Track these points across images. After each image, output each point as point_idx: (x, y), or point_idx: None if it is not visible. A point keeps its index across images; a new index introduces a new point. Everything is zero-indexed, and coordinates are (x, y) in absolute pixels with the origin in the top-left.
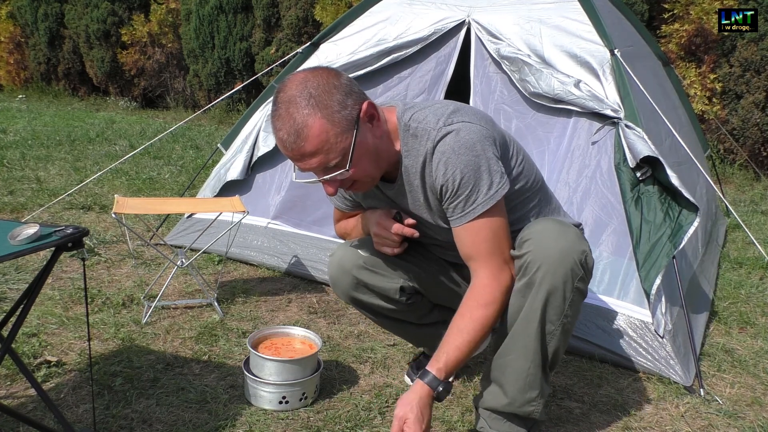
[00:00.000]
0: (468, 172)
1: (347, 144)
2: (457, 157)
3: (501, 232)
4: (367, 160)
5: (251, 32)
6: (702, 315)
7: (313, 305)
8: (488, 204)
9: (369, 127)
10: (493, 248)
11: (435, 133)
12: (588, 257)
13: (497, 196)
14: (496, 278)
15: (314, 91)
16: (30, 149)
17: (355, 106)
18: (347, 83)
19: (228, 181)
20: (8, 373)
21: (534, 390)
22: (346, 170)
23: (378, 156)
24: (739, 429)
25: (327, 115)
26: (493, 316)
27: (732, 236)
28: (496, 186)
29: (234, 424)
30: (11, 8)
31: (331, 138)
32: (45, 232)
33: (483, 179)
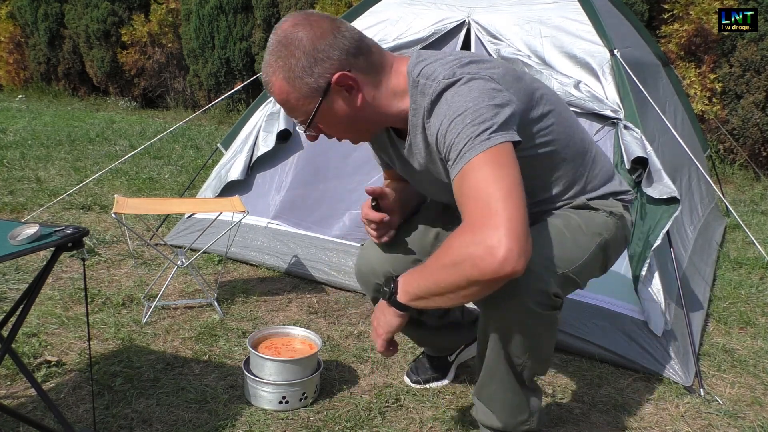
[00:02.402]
0: (458, 119)
1: (309, 109)
2: (449, 106)
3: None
4: (337, 125)
5: (251, 32)
6: (701, 315)
7: (313, 305)
8: (477, 150)
9: (345, 96)
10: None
11: (434, 87)
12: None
13: (490, 143)
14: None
15: (285, 49)
16: (30, 149)
17: (325, 74)
18: (325, 48)
19: (228, 181)
20: (8, 373)
21: (523, 413)
22: (308, 132)
23: (355, 122)
24: (739, 429)
25: (288, 78)
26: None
27: (732, 236)
28: (489, 134)
29: (234, 424)
30: (11, 8)
31: (291, 100)
32: (45, 232)
33: (470, 125)
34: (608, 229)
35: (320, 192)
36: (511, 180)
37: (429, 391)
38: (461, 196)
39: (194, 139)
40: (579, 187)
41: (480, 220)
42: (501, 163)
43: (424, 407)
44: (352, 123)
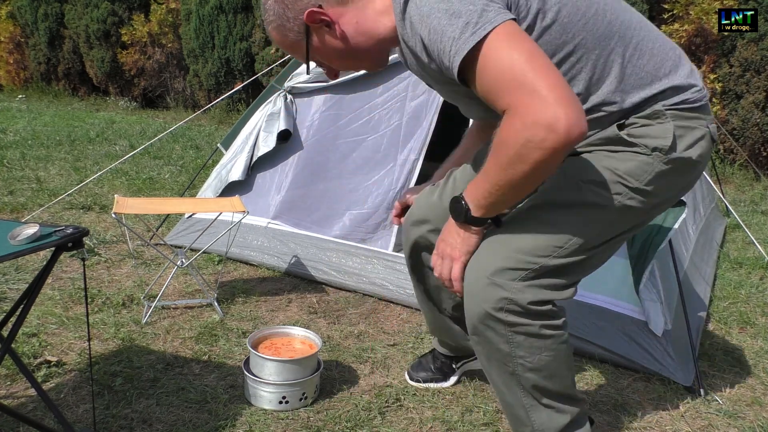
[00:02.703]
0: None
1: (302, 49)
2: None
3: (513, 64)
4: (333, 58)
5: (251, 32)
6: (701, 315)
7: (313, 305)
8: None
9: (327, 30)
10: (503, 82)
11: (398, 5)
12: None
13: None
14: (512, 120)
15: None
16: (30, 149)
17: (298, 16)
18: None
19: (230, 182)
20: (8, 373)
21: (524, 426)
22: (307, 71)
23: (351, 52)
24: (739, 429)
25: (277, 27)
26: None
27: (732, 236)
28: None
29: (234, 424)
30: (11, 8)
31: (286, 44)
32: (45, 232)
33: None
34: (642, 172)
35: (320, 192)
36: (527, 45)
37: (429, 391)
38: (488, 90)
39: (194, 139)
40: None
41: (521, 102)
42: (504, 39)
43: (424, 407)
44: (348, 53)
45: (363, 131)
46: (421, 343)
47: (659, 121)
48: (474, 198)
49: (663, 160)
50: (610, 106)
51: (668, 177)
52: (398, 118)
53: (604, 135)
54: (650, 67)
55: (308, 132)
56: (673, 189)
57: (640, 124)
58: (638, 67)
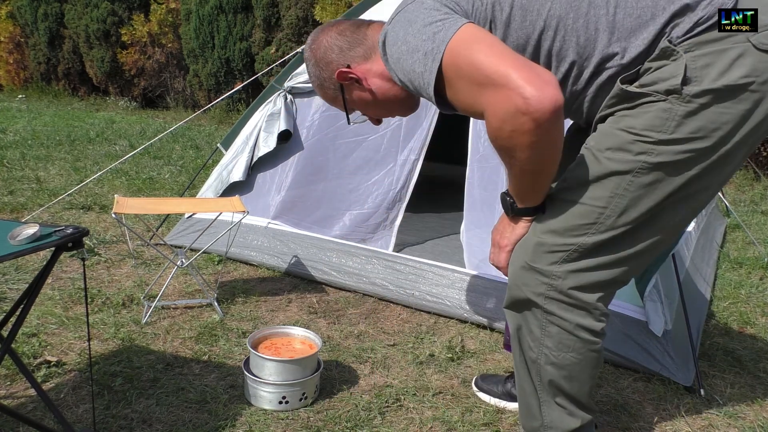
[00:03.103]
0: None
1: (341, 102)
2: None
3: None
4: (372, 109)
5: (251, 32)
6: (701, 315)
7: (313, 305)
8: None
9: (358, 86)
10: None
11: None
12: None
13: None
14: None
15: (308, 65)
16: (30, 149)
17: (332, 77)
18: (323, 54)
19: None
20: (8, 373)
21: (535, 420)
22: (348, 121)
23: (385, 103)
24: (739, 429)
25: (318, 86)
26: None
27: (732, 236)
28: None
29: (234, 424)
30: (11, 8)
31: (329, 99)
32: (45, 232)
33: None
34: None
35: (320, 192)
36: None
37: (429, 391)
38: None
39: (194, 139)
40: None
41: (488, 101)
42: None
43: (424, 407)
44: (380, 103)
45: (363, 131)
46: (421, 343)
47: (673, 58)
48: (513, 192)
49: (684, 99)
50: (613, 60)
51: (708, 114)
52: (398, 118)
53: (614, 93)
54: (645, 2)
55: (308, 132)
56: (731, 123)
57: (653, 69)
58: (629, 7)
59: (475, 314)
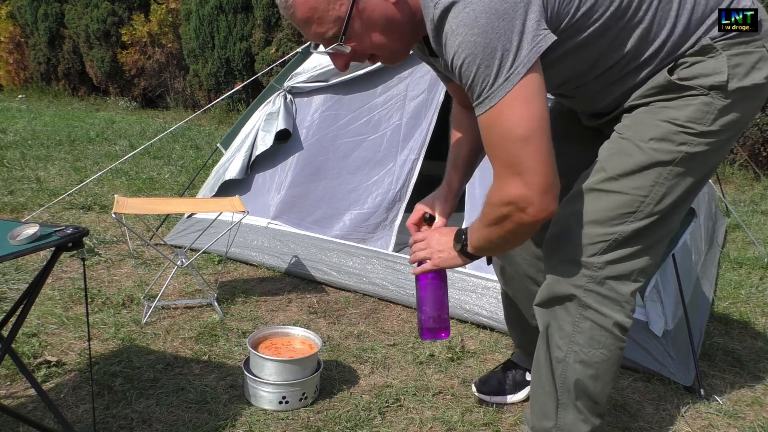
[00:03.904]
0: (466, 57)
1: (342, 11)
2: (455, 39)
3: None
4: (373, 30)
5: (251, 32)
6: (702, 315)
7: (313, 305)
8: (494, 99)
9: None
10: (504, 149)
11: (432, 11)
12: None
13: (508, 85)
14: (498, 187)
15: None
16: (30, 149)
17: None
18: None
19: (227, 180)
20: (8, 373)
21: (548, 420)
22: (339, 44)
23: (392, 25)
24: (739, 429)
25: None
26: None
27: (732, 236)
28: (506, 74)
29: (234, 424)
30: (11, 8)
31: (320, 7)
32: (45, 232)
33: (483, 66)
34: (704, 115)
35: (320, 192)
36: (533, 122)
37: (429, 391)
38: (486, 144)
39: (194, 139)
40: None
41: (507, 179)
42: (525, 103)
43: (424, 407)
44: (389, 26)
45: (363, 131)
46: (420, 343)
47: (711, 56)
48: (471, 237)
49: (723, 95)
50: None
51: (734, 110)
52: (398, 118)
53: (656, 83)
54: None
55: (308, 132)
56: (743, 119)
57: (689, 63)
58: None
59: (475, 314)
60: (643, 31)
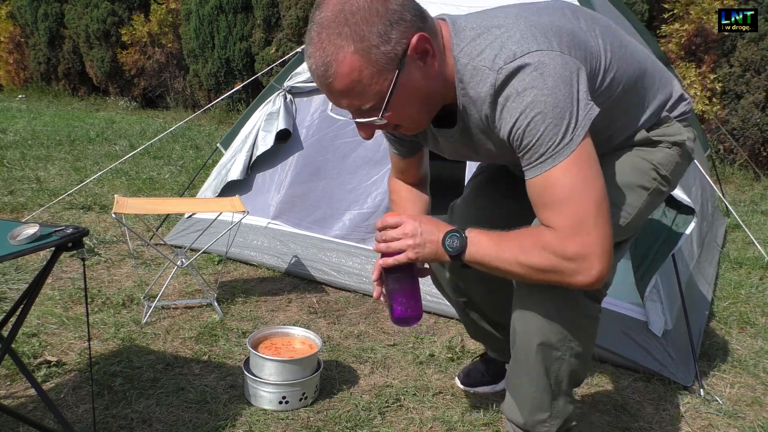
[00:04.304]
0: (535, 116)
1: (385, 86)
2: (522, 100)
3: (582, 199)
4: (411, 104)
5: (251, 32)
6: (701, 315)
7: (313, 305)
8: (562, 155)
9: (419, 65)
10: (571, 206)
11: (494, 76)
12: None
13: (573, 144)
14: (560, 240)
15: (351, 16)
16: (30, 149)
17: (402, 39)
18: (397, 8)
19: (228, 181)
20: (8, 373)
21: (543, 412)
22: (379, 118)
23: (428, 98)
24: (739, 429)
25: (362, 49)
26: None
27: (732, 236)
28: (571, 133)
29: (234, 424)
30: (11, 8)
31: (365, 78)
32: (45, 232)
33: (551, 125)
34: (668, 162)
35: (320, 192)
36: (599, 186)
37: (429, 391)
38: (547, 201)
39: (194, 139)
40: (641, 115)
41: (572, 236)
42: (586, 164)
43: (424, 407)
44: (426, 99)
45: None
46: (420, 343)
47: (668, 125)
48: (476, 249)
49: (679, 152)
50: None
51: (680, 166)
52: None
53: (637, 139)
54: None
55: (308, 132)
56: (679, 178)
57: (659, 127)
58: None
59: None
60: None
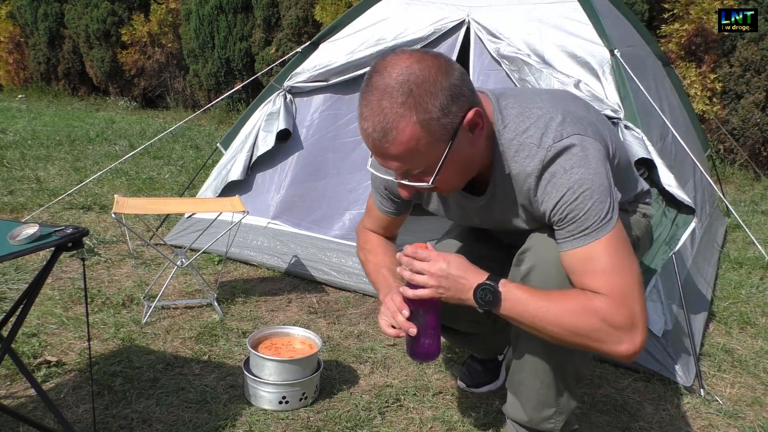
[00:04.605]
0: (583, 192)
1: (437, 155)
2: (570, 177)
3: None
4: (456, 171)
5: (251, 32)
6: (701, 315)
7: (313, 305)
8: (605, 230)
9: (468, 136)
10: (620, 276)
11: (544, 153)
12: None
13: (613, 221)
14: (612, 307)
15: (416, 88)
16: (30, 149)
17: (459, 113)
18: (457, 83)
19: (229, 181)
20: (8, 373)
21: (549, 408)
22: (429, 184)
23: (470, 166)
24: (739, 429)
25: (424, 120)
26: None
27: (732, 236)
28: (612, 210)
29: (234, 424)
30: (11, 8)
31: (422, 147)
32: (45, 232)
33: (597, 201)
34: (640, 227)
35: (320, 192)
36: (637, 263)
37: (429, 391)
38: (590, 270)
39: (194, 139)
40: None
41: (620, 306)
42: (625, 241)
43: (424, 407)
44: (470, 166)
45: None
46: None
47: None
48: (512, 306)
49: (648, 221)
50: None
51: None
52: None
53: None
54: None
55: (308, 131)
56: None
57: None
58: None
59: None
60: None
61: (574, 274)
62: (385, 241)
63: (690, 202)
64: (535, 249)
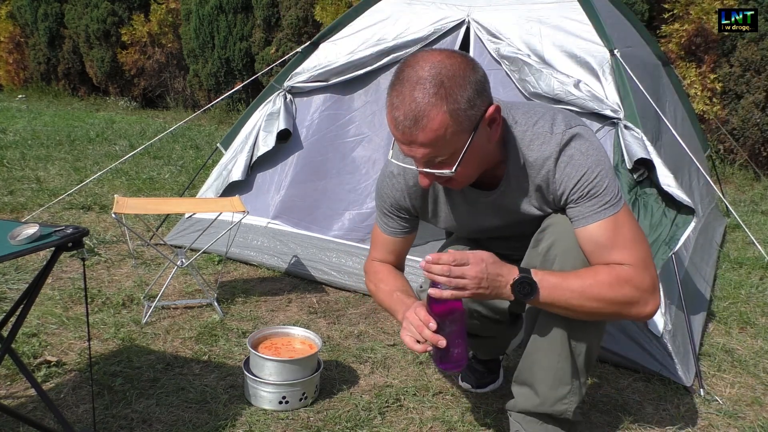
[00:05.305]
0: (600, 171)
1: (461, 145)
2: (587, 158)
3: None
4: (474, 162)
5: (251, 32)
6: (700, 315)
7: (313, 305)
8: (621, 204)
9: (487, 131)
10: (638, 246)
11: (560, 137)
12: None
13: (623, 199)
14: (639, 274)
15: (448, 80)
16: (30, 149)
17: (482, 106)
18: (481, 80)
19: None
20: (8, 373)
21: (565, 386)
22: (451, 171)
23: (485, 159)
24: (739, 429)
25: (453, 110)
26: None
27: (732, 236)
28: (618, 188)
29: (234, 424)
30: (11, 8)
31: (449, 135)
32: (45, 232)
33: (612, 180)
34: None
35: (320, 192)
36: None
37: (429, 391)
38: (616, 241)
39: (194, 139)
40: None
41: (645, 270)
42: (632, 214)
43: (424, 407)
44: (484, 159)
45: (362, 131)
46: None
47: None
48: (549, 292)
49: None
50: None
51: None
52: None
53: None
54: None
55: (308, 131)
56: None
57: None
58: None
59: None
60: None
61: (600, 247)
62: (394, 270)
63: (689, 202)
64: (554, 226)
